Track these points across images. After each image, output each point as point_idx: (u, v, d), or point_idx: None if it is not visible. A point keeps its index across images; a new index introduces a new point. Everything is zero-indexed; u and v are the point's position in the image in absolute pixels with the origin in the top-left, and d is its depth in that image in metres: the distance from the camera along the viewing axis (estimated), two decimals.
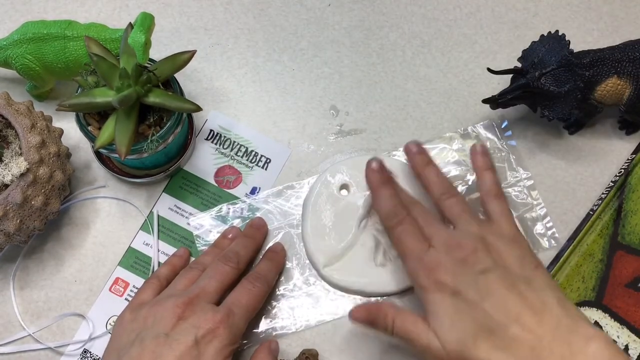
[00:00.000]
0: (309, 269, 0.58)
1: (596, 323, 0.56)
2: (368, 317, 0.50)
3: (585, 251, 0.57)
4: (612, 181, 0.60)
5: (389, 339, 0.56)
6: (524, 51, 0.59)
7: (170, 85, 0.56)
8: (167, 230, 0.60)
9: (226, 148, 0.62)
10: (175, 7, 0.67)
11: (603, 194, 0.60)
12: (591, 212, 0.59)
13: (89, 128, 0.54)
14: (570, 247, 0.57)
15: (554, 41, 0.57)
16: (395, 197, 0.53)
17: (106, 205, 0.60)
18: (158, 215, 0.60)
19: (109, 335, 0.56)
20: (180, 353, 0.46)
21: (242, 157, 0.62)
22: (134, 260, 0.59)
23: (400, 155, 0.61)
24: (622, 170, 0.60)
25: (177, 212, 0.60)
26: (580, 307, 0.56)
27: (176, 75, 0.56)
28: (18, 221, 0.52)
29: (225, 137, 0.62)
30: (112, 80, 0.52)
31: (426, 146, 0.62)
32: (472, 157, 0.56)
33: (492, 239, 0.49)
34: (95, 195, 0.61)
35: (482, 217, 0.53)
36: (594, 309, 0.56)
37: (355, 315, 0.50)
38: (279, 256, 0.57)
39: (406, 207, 0.53)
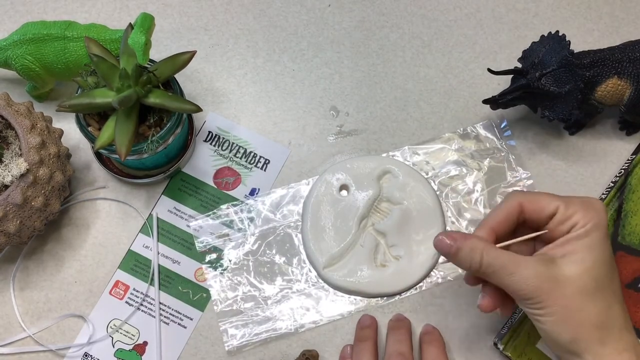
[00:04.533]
0: (309, 270, 0.58)
1: None
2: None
3: None
4: (612, 181, 0.60)
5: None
6: (524, 51, 0.59)
7: (170, 85, 0.56)
8: (167, 233, 0.60)
9: (225, 149, 0.62)
10: (175, 8, 0.67)
11: (603, 194, 0.60)
12: None
13: (89, 129, 0.54)
14: None
15: (554, 41, 0.57)
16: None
17: (106, 205, 0.60)
18: (157, 218, 0.60)
19: (110, 338, 0.56)
20: None
21: (240, 158, 0.62)
22: (133, 263, 0.59)
23: (400, 156, 0.61)
24: (622, 170, 0.60)
25: (177, 215, 0.60)
26: None
27: (176, 76, 0.56)
28: (18, 222, 0.52)
29: (224, 138, 0.62)
30: (112, 80, 0.52)
31: (426, 145, 0.62)
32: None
33: None
34: (96, 196, 0.61)
35: None
36: None
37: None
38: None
39: None
